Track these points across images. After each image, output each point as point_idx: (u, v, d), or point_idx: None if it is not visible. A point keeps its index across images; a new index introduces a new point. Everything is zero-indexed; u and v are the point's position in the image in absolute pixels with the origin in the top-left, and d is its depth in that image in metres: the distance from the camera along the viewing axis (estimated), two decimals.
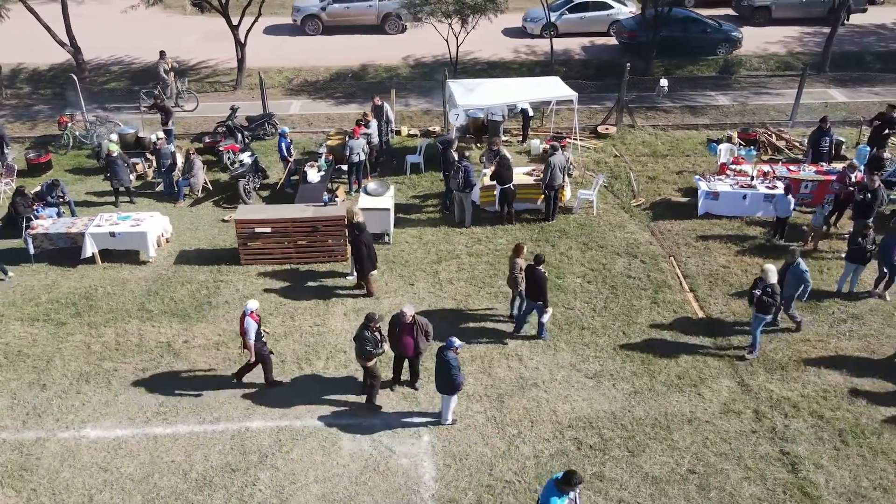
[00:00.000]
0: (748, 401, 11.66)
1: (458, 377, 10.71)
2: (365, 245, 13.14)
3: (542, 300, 12.52)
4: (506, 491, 10.18)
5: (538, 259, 12.54)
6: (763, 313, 11.93)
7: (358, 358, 11.26)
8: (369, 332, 10.95)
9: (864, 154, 17.28)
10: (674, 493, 10.17)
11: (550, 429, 11.17)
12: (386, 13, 27.77)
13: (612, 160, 19.11)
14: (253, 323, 11.24)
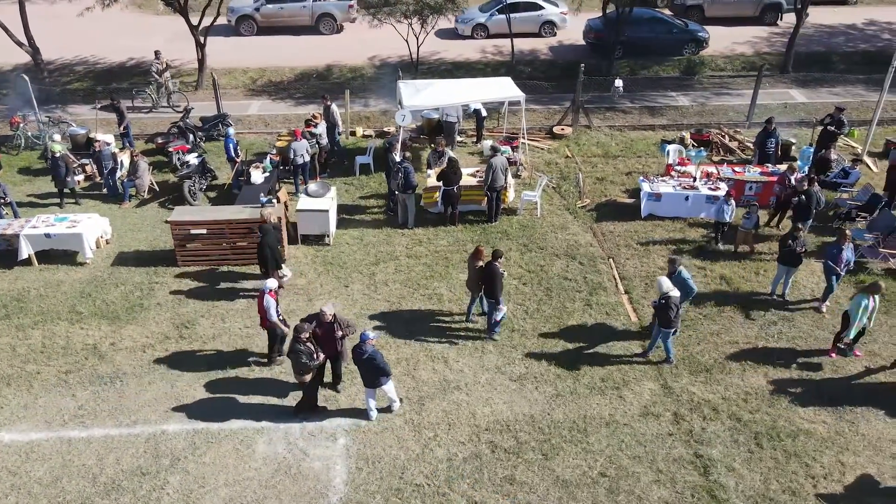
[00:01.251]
0: (669, 403, 11.64)
1: (386, 365, 10.77)
2: (268, 247, 13.15)
3: (494, 297, 12.51)
4: (414, 494, 10.16)
5: (495, 254, 12.55)
6: (666, 327, 11.80)
7: (296, 375, 11.04)
8: (301, 343, 10.75)
9: (807, 155, 17.29)
10: (582, 496, 10.15)
11: (467, 432, 11.15)
12: (320, 14, 27.68)
13: (563, 161, 19.07)
14: (272, 300, 11.61)
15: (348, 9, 27.85)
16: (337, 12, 27.85)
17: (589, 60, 25.87)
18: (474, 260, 12.79)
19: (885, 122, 21.50)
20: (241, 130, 21.09)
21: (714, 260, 14.92)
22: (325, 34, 28.14)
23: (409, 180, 15.44)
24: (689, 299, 12.49)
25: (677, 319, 11.77)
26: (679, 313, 11.77)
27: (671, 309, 11.50)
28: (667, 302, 11.50)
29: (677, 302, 11.61)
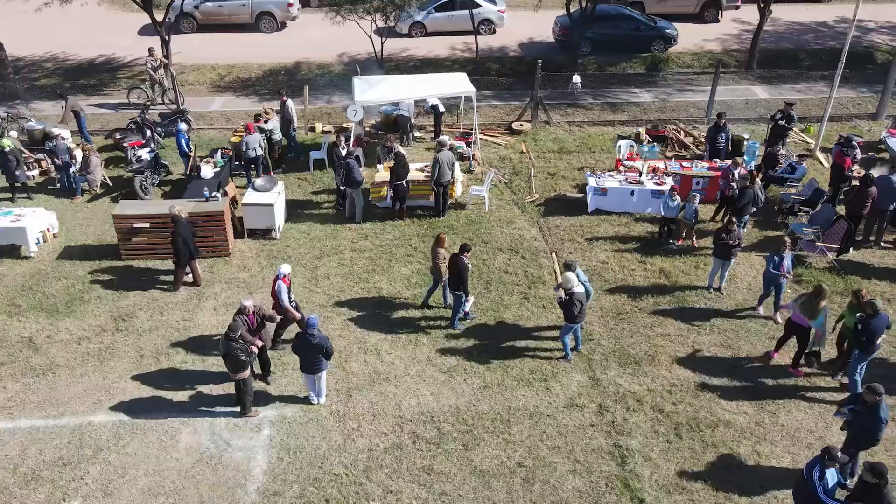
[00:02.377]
0: (595, 395, 11.73)
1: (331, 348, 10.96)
2: (181, 237, 13.30)
3: (462, 289, 12.63)
4: (332, 484, 10.24)
5: (463, 248, 12.67)
6: (569, 322, 11.84)
7: (232, 373, 11.03)
8: (234, 342, 10.74)
9: (754, 150, 17.37)
10: (498, 485, 10.24)
11: (391, 423, 11.24)
12: (260, 11, 27.63)
13: (517, 157, 19.15)
14: (283, 286, 11.85)
15: (287, 7, 27.85)
16: (276, 10, 27.82)
17: (557, 57, 26.04)
18: (436, 247, 12.97)
19: (844, 119, 21.62)
20: (202, 126, 21.21)
21: (655, 254, 15.01)
22: (265, 32, 28.12)
23: (351, 175, 15.52)
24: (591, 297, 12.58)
25: (581, 315, 11.81)
26: (583, 309, 11.81)
27: (575, 305, 11.56)
28: (570, 298, 11.55)
29: (581, 298, 11.66)
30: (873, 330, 10.80)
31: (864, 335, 10.88)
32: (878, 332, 10.83)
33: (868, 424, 9.34)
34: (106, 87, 24.06)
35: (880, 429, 9.28)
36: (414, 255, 15.12)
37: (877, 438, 9.36)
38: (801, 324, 11.72)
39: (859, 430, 9.50)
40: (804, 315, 11.59)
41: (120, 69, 25.63)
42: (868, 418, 9.29)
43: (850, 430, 9.71)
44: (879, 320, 10.77)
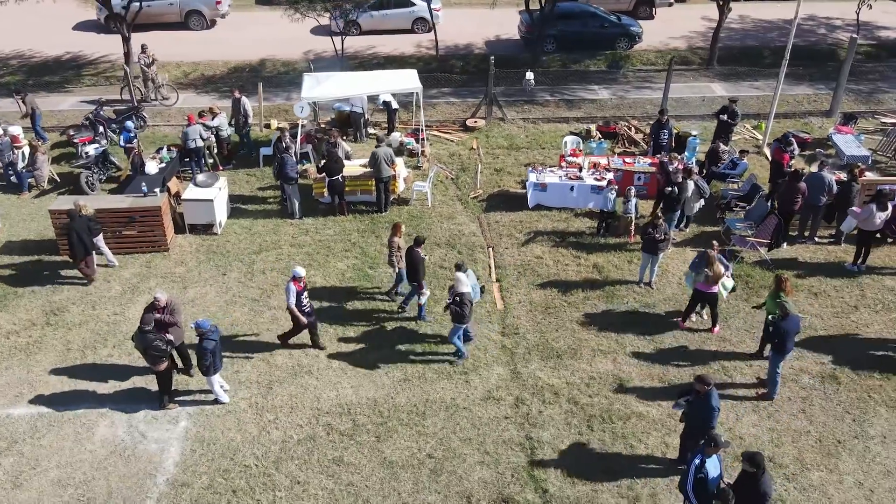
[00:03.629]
0: (513, 388, 11.83)
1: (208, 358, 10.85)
2: (75, 232, 13.39)
3: (417, 281, 12.74)
4: (241, 476, 10.34)
5: (417, 240, 12.75)
6: (458, 322, 11.85)
7: (152, 365, 11.12)
8: (150, 334, 10.84)
9: (694, 146, 17.47)
10: (405, 476, 10.34)
11: (308, 415, 11.34)
12: (189, 10, 27.69)
13: (466, 153, 19.24)
14: (292, 287, 11.71)
15: (216, 5, 27.91)
16: (205, 8, 27.94)
17: (522, 55, 26.15)
18: (392, 236, 13.16)
19: (798, 115, 21.72)
20: (159, 123, 21.29)
21: (591, 250, 15.11)
22: (195, 30, 28.18)
23: (283, 171, 15.62)
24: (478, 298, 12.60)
25: (470, 316, 11.80)
26: (471, 309, 11.81)
27: (465, 305, 11.59)
28: (461, 299, 11.59)
29: (470, 299, 11.67)
30: (784, 332, 10.90)
31: (776, 337, 11.00)
32: (788, 334, 10.92)
33: (701, 413, 9.49)
34: (69, 85, 24.12)
35: (713, 416, 9.46)
36: (352, 251, 15.22)
37: (711, 426, 9.51)
38: (707, 290, 12.18)
39: (694, 420, 9.67)
40: (709, 284, 12.04)
41: (85, 66, 25.72)
42: (701, 408, 9.45)
43: (686, 420, 9.85)
44: (790, 322, 10.87)
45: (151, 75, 22.22)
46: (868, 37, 28.07)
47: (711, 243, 12.98)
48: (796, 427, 11.00)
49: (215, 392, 11.38)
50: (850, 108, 21.88)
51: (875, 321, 13.07)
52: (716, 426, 9.67)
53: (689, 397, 9.70)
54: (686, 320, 12.98)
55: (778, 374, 11.27)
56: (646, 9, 29.28)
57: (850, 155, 17.65)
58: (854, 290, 13.83)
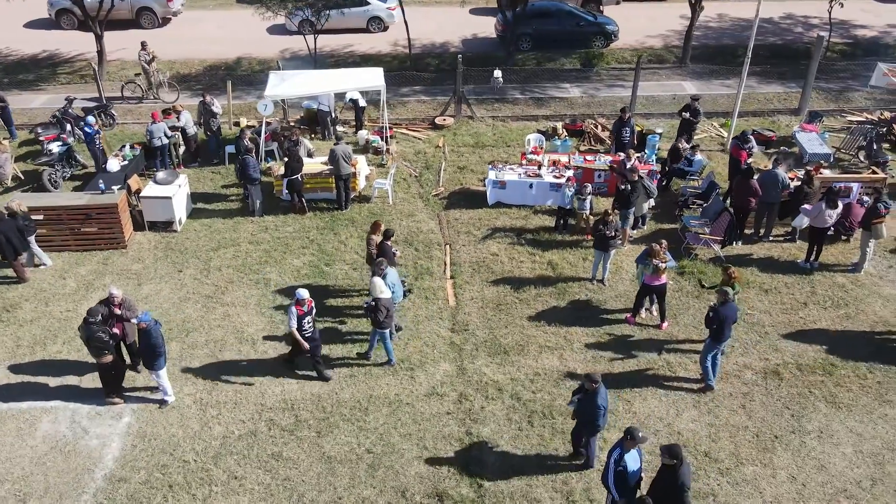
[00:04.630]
0: (458, 384, 11.88)
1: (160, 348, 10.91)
2: (2, 234, 13.42)
3: None
4: (179, 471, 10.39)
5: (386, 233, 12.78)
6: (378, 328, 11.78)
7: (96, 358, 11.16)
8: (94, 326, 10.86)
9: (654, 144, 17.52)
10: (342, 471, 10.39)
11: (252, 410, 11.39)
12: (140, 7, 27.64)
13: (432, 151, 19.28)
14: (293, 311, 11.25)
15: (167, 3, 27.91)
16: (156, 6, 27.93)
17: (497, 53, 26.20)
18: (371, 233, 13.11)
19: (766, 114, 21.77)
20: (128, 121, 21.31)
21: (547, 247, 15.16)
22: (146, 28, 28.13)
23: (246, 171, 15.66)
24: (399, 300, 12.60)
25: (389, 320, 11.72)
26: (391, 314, 11.71)
27: (380, 311, 11.52)
28: (376, 304, 11.53)
29: (388, 304, 11.58)
30: (722, 318, 10.97)
31: (714, 323, 11.06)
32: (726, 321, 10.99)
33: (589, 410, 9.60)
34: (44, 83, 24.14)
35: (598, 415, 9.55)
36: (309, 248, 15.26)
37: (598, 424, 9.62)
38: (654, 283, 12.33)
39: (582, 416, 9.78)
40: (655, 275, 12.24)
41: (60, 65, 25.74)
42: (589, 404, 9.56)
43: (577, 418, 9.94)
44: (728, 309, 10.94)
45: (152, 72, 22.22)
46: (844, 35, 28.16)
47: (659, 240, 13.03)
48: (735, 422, 11.06)
49: (164, 389, 11.42)
50: (820, 107, 21.95)
51: (823, 318, 13.13)
52: (604, 424, 9.78)
53: (581, 395, 9.75)
54: (636, 315, 13.05)
55: (709, 361, 11.38)
56: (594, 5, 29.16)
57: (812, 153, 17.70)
58: (805, 287, 13.89)
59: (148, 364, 11.12)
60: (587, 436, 9.94)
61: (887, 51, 26.39)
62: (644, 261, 12.53)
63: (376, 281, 11.64)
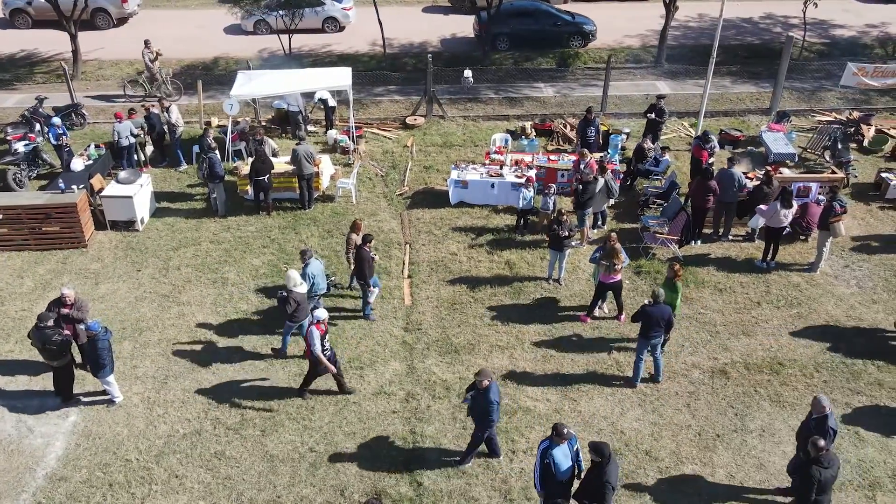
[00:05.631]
0: (407, 383, 11.90)
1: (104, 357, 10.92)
2: None
3: (363, 279, 12.77)
4: (120, 470, 10.41)
5: (365, 238, 12.78)
6: (289, 321, 11.90)
7: (49, 361, 11.18)
8: (48, 330, 10.85)
9: (616, 143, 17.54)
10: (284, 470, 10.42)
11: (198, 409, 11.41)
12: (94, 8, 27.38)
13: (400, 150, 19.30)
14: (315, 332, 10.82)
15: (121, 3, 27.86)
16: (111, 7, 27.89)
17: (475, 53, 26.23)
18: (351, 233, 13.12)
19: (738, 113, 21.79)
20: (99, 121, 21.32)
21: (506, 246, 15.18)
22: (102, 29, 28.08)
23: (213, 170, 15.69)
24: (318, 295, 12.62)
25: (299, 313, 11.76)
26: (302, 307, 11.74)
27: (289, 304, 11.57)
28: (287, 296, 11.58)
29: (298, 298, 11.62)
30: (647, 316, 11.03)
31: (639, 319, 11.18)
32: (651, 320, 11.02)
33: (481, 407, 9.66)
34: (19, 82, 24.15)
35: (491, 410, 9.61)
36: (269, 247, 15.28)
37: (491, 419, 9.69)
38: (609, 281, 12.46)
39: (476, 413, 9.84)
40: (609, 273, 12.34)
41: (38, 65, 25.76)
42: (481, 401, 9.62)
43: (472, 415, 9.97)
44: (656, 309, 10.98)
45: (156, 71, 22.24)
46: (823, 35, 28.18)
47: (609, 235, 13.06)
48: (678, 421, 11.09)
49: (111, 392, 11.43)
50: (792, 107, 21.98)
51: (775, 317, 13.16)
52: (497, 419, 9.83)
53: (473, 392, 9.80)
54: (590, 314, 13.07)
55: (642, 361, 11.44)
56: None
57: (776, 153, 17.73)
58: (760, 287, 13.91)
59: (94, 372, 11.13)
60: (483, 431, 9.97)
61: (864, 51, 26.43)
62: (599, 259, 12.54)
63: (291, 273, 11.70)
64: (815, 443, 8.47)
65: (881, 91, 22.06)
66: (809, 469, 8.47)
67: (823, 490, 8.51)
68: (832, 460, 8.57)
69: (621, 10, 31.07)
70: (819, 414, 9.16)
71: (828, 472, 8.47)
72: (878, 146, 18.71)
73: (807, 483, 8.44)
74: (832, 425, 9.09)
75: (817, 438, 8.53)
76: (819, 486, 8.42)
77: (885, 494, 9.93)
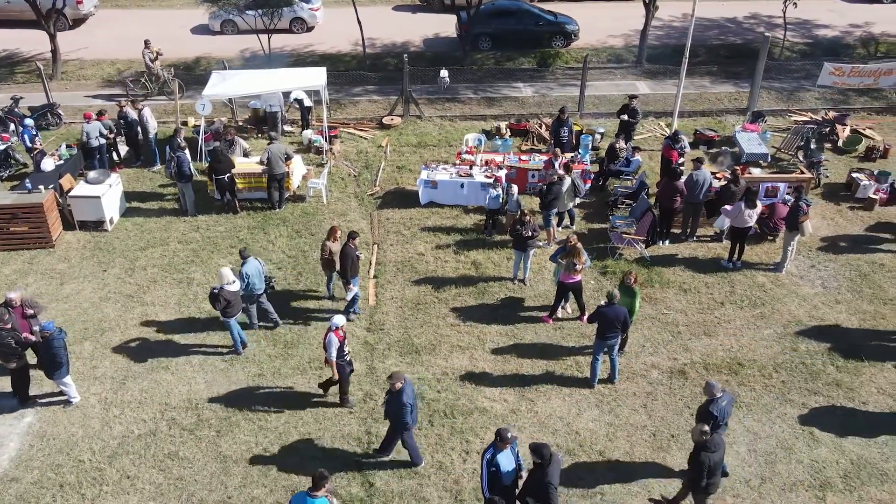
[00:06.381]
0: (365, 383, 11.89)
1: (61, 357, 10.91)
2: None
3: (345, 277, 12.71)
4: (72, 470, 10.40)
5: (350, 235, 12.71)
6: (224, 317, 11.93)
7: (4, 363, 11.17)
8: (2, 332, 10.83)
9: (586, 143, 17.53)
10: (236, 470, 10.40)
11: (155, 410, 11.40)
12: (48, 9, 26.29)
13: (374, 150, 19.28)
14: (335, 339, 10.69)
15: (76, 4, 27.56)
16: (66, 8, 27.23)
17: (455, 53, 26.21)
18: (326, 239, 13.05)
19: (715, 113, 21.77)
20: (76, 121, 21.29)
21: (473, 246, 15.16)
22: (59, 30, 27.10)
23: (180, 170, 15.67)
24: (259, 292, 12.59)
25: (232, 309, 11.82)
26: (233, 304, 11.78)
27: (219, 301, 11.62)
28: (217, 293, 11.62)
29: (228, 295, 11.67)
30: (602, 316, 11.03)
31: (595, 320, 11.18)
32: (606, 320, 11.01)
33: (394, 409, 9.71)
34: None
35: (404, 413, 9.65)
36: (237, 247, 15.09)
37: (406, 421, 9.71)
38: (568, 281, 12.43)
39: (391, 415, 9.89)
40: (570, 273, 12.28)
41: (18, 64, 25.75)
42: (394, 403, 9.66)
43: (388, 417, 10.01)
44: (611, 310, 10.96)
45: (157, 70, 22.19)
46: (806, 35, 28.15)
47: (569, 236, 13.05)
48: (634, 422, 11.07)
49: (68, 393, 11.42)
50: (770, 106, 21.98)
51: (738, 317, 13.14)
52: (413, 421, 9.84)
53: (388, 395, 9.85)
54: (552, 315, 13.06)
55: (598, 361, 11.46)
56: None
57: (749, 153, 17.72)
58: (724, 287, 13.90)
59: (48, 374, 11.11)
60: (398, 433, 9.97)
61: (846, 51, 26.40)
62: (558, 258, 12.55)
63: (223, 270, 11.81)
64: (700, 429, 8.82)
65: (860, 91, 22.03)
66: (698, 455, 8.83)
67: (713, 473, 8.90)
68: (718, 444, 8.92)
69: (606, 9, 31.01)
70: (709, 398, 9.51)
71: (715, 456, 8.84)
72: (852, 146, 18.69)
73: (697, 469, 8.83)
74: (713, 411, 9.39)
75: (701, 425, 8.90)
76: (709, 470, 8.81)
77: (836, 494, 9.91)
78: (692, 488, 9.16)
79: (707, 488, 9.01)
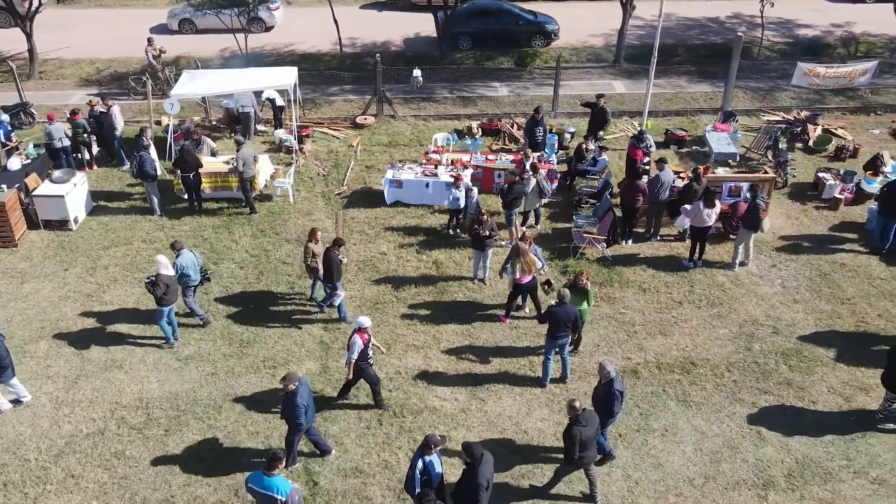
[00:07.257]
0: (318, 382, 11.88)
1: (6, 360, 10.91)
2: None
3: (331, 282, 12.72)
4: (17, 469, 10.40)
5: (336, 242, 12.71)
6: (159, 305, 12.07)
7: None
8: None
9: (552, 143, 17.51)
10: (182, 469, 10.39)
11: (105, 409, 11.40)
12: None
13: (345, 150, 19.27)
14: (359, 341, 10.51)
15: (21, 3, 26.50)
16: None
17: (434, 52, 26.21)
18: (308, 241, 13.01)
19: (689, 113, 21.77)
20: None
21: (436, 246, 15.15)
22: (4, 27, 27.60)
23: (142, 169, 15.67)
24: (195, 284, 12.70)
25: (169, 297, 12.00)
26: (171, 290, 12.00)
27: (159, 287, 11.80)
28: (155, 279, 11.82)
29: (167, 281, 11.89)
30: (553, 316, 11.02)
31: (546, 320, 11.18)
32: (557, 320, 11.00)
33: (289, 411, 9.70)
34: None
35: (298, 414, 9.62)
36: (201, 246, 15.24)
37: (299, 423, 9.71)
38: (522, 282, 12.41)
39: (286, 417, 9.85)
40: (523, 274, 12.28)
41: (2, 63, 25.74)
42: (289, 406, 9.65)
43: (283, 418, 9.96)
44: (561, 310, 10.95)
45: (158, 68, 22.21)
46: (787, 34, 28.14)
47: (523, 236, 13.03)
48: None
49: (18, 392, 11.41)
50: (745, 106, 21.98)
51: (695, 316, 13.13)
52: (304, 422, 9.77)
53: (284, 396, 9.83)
54: (508, 315, 13.05)
55: (550, 361, 11.45)
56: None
57: (718, 152, 17.71)
58: (684, 286, 13.89)
59: None
60: (293, 434, 9.97)
61: (826, 50, 26.40)
62: (510, 260, 12.55)
63: (159, 258, 12.03)
64: (571, 405, 9.16)
65: (835, 91, 22.03)
66: (571, 430, 9.09)
67: (585, 447, 9.16)
68: (590, 419, 9.22)
69: (589, 9, 31.01)
70: (605, 379, 9.75)
71: (587, 430, 9.11)
72: (823, 146, 18.68)
73: (569, 443, 9.10)
74: (618, 388, 9.73)
75: (573, 400, 9.24)
76: (581, 444, 9.08)
77: (778, 494, 9.90)
78: (566, 462, 9.37)
79: (580, 460, 9.22)
